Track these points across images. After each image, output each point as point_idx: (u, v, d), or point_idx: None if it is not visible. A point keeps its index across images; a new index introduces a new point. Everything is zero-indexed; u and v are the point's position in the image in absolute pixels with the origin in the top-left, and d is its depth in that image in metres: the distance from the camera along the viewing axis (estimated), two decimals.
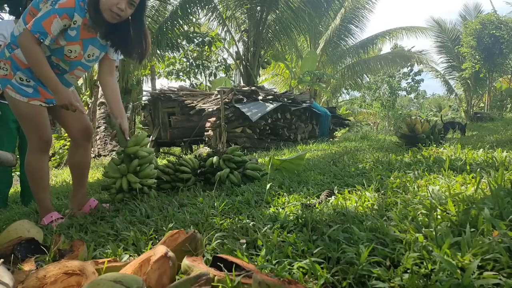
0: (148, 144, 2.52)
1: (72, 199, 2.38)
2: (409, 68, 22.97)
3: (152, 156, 2.47)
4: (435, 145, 3.55)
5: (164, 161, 3.14)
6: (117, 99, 2.29)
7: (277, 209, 1.75)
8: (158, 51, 10.94)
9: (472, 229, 1.08)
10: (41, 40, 1.90)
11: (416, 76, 23.54)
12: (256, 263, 1.12)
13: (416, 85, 24.06)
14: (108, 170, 2.39)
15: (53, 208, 2.28)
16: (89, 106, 11.64)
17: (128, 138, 2.33)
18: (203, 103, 8.11)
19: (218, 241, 1.34)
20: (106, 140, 10.49)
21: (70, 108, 2.05)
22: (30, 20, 1.95)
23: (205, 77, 17.41)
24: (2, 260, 1.09)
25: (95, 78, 11.38)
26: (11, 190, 3.63)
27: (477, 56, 15.38)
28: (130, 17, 2.10)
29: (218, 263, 1.05)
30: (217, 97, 7.55)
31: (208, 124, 7.55)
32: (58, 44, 2.03)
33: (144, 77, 16.11)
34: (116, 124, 2.25)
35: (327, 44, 16.12)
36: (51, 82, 1.99)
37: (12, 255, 1.31)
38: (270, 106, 7.50)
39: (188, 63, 16.83)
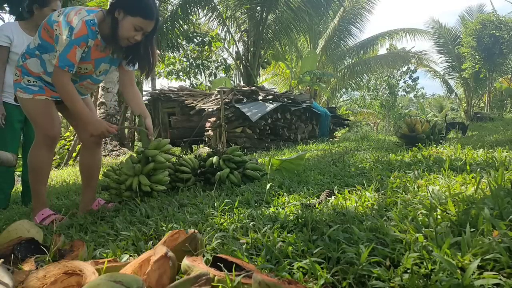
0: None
1: (80, 201, 2.48)
2: (407, 67, 22.98)
3: (169, 164, 2.50)
4: (435, 145, 3.55)
5: None
6: (140, 102, 2.43)
7: (277, 209, 1.75)
8: (158, 51, 10.93)
9: (472, 229, 1.08)
10: (71, 72, 2.05)
11: (413, 73, 23.50)
12: (256, 263, 1.13)
13: (413, 83, 24.04)
14: (123, 166, 2.44)
15: (46, 203, 2.34)
16: None
17: (152, 137, 2.40)
18: (203, 103, 8.11)
19: (218, 241, 1.34)
20: (106, 140, 10.48)
21: (105, 136, 2.18)
22: (46, 36, 2.10)
23: (205, 77, 17.42)
24: (2, 260, 1.09)
25: None
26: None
27: (477, 56, 15.40)
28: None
29: (218, 263, 1.05)
30: (217, 97, 7.54)
31: (208, 124, 7.54)
32: None
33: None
34: (144, 123, 2.34)
35: (327, 44, 16.14)
36: (83, 115, 2.13)
37: (12, 255, 1.31)
38: (270, 106, 7.49)
39: (188, 63, 16.83)
